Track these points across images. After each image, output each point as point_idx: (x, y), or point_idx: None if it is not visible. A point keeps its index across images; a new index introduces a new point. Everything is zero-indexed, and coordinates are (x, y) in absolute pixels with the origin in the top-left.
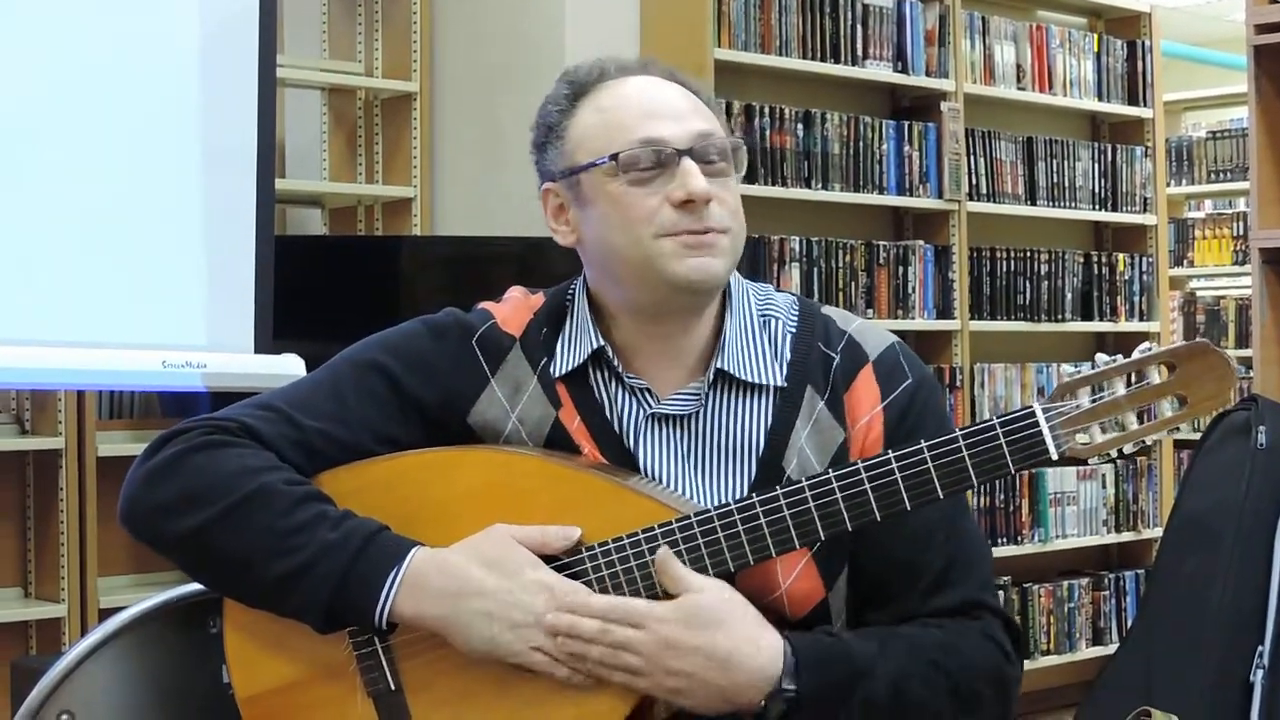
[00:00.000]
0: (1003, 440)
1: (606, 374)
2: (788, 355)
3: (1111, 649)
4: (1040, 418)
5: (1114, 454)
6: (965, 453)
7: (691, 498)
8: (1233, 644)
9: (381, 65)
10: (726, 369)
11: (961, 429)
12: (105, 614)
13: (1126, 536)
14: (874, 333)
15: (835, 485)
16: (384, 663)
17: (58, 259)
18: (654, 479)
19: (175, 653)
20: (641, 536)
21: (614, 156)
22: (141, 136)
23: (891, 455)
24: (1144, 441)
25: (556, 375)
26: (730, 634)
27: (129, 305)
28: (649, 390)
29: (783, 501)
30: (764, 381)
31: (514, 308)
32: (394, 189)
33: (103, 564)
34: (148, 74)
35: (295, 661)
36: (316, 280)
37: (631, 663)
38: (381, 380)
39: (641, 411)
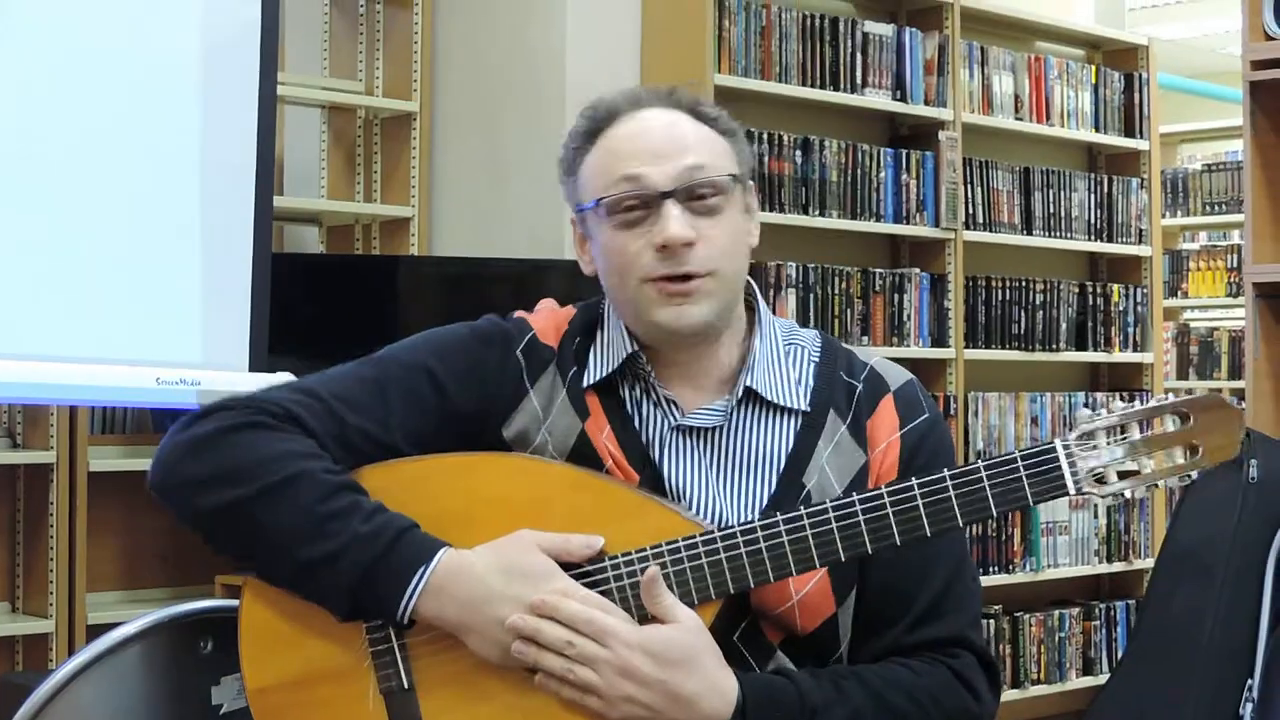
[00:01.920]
0: (1023, 472)
1: (634, 386)
2: (811, 382)
3: (1102, 679)
4: (1060, 453)
5: (1127, 494)
6: (986, 483)
7: (712, 509)
8: (1223, 676)
9: (382, 84)
10: (755, 388)
11: (984, 460)
12: (93, 630)
13: (1118, 567)
14: (894, 367)
15: (859, 508)
16: (399, 660)
17: (53, 274)
18: (676, 490)
19: (165, 673)
20: (665, 548)
21: (599, 200)
22: (140, 151)
23: (915, 482)
24: (1156, 485)
25: (587, 385)
26: (694, 675)
27: (124, 321)
28: (675, 402)
29: (806, 521)
30: (789, 404)
31: (550, 319)
32: (392, 208)
33: (92, 580)
34: (148, 89)
35: (308, 657)
36: (313, 299)
37: (589, 680)
38: (428, 385)
39: (666, 423)
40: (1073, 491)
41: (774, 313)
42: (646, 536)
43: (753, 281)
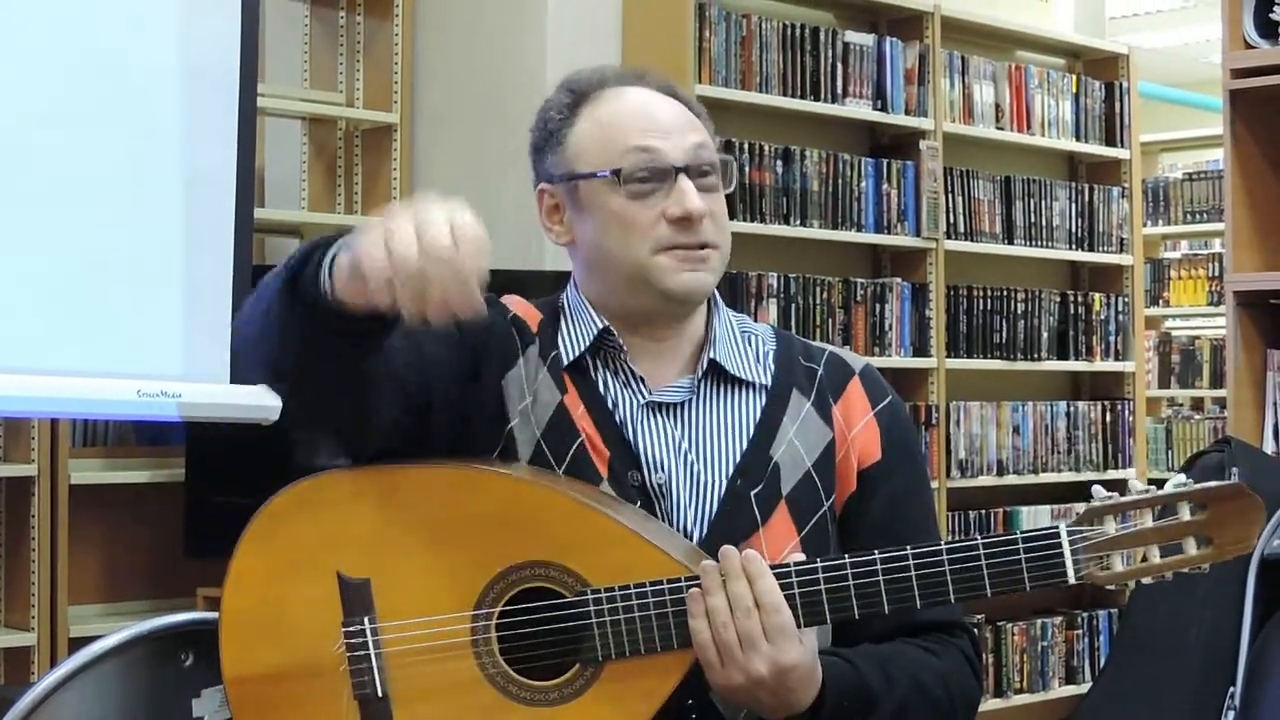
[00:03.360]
0: (1023, 556)
1: (605, 366)
2: (771, 366)
3: (1084, 688)
4: (1064, 539)
5: (1131, 584)
6: (983, 562)
7: (683, 483)
8: (1205, 684)
9: (362, 96)
10: (719, 360)
11: (984, 538)
12: (75, 643)
13: None
14: (851, 353)
15: (849, 571)
16: (374, 669)
17: (32, 285)
18: (649, 463)
19: (146, 685)
20: (649, 588)
21: (615, 171)
22: (119, 162)
23: (909, 551)
24: (1164, 576)
25: (562, 365)
26: (806, 684)
27: (104, 333)
28: (643, 379)
29: (794, 579)
30: (751, 379)
31: (523, 306)
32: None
33: (73, 593)
34: (126, 100)
35: (288, 652)
36: None
37: (732, 649)
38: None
39: (636, 401)
40: (1072, 580)
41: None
42: (634, 573)
43: None
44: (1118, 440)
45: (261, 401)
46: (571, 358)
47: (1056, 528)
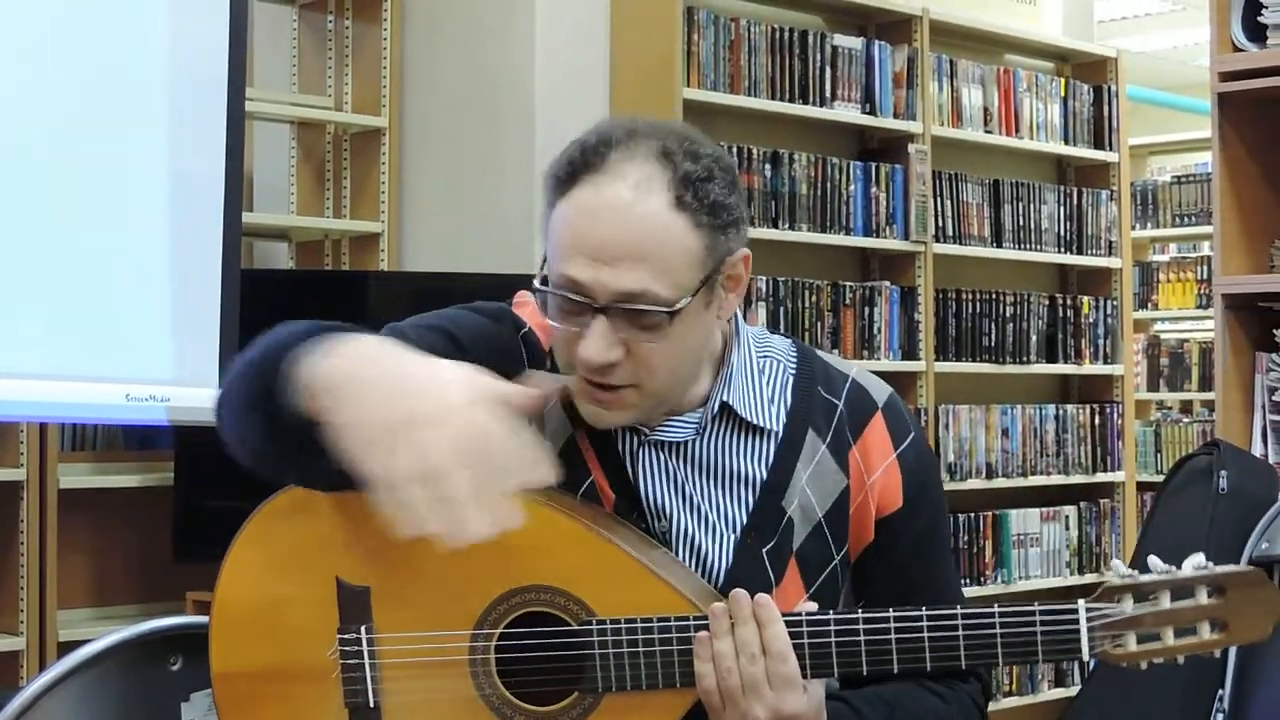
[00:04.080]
0: (1039, 630)
1: None
2: (788, 399)
3: (1074, 690)
4: (1082, 616)
5: (1143, 665)
6: (999, 630)
7: (686, 528)
8: (1194, 687)
9: (351, 100)
10: (731, 403)
11: (1001, 609)
12: (64, 647)
13: (1089, 578)
14: (873, 380)
15: (861, 627)
16: (368, 678)
17: (22, 291)
18: (652, 510)
19: (135, 690)
20: (655, 624)
21: (545, 281)
22: (108, 167)
23: (925, 612)
24: (1177, 660)
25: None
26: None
27: (94, 338)
28: (641, 424)
29: (805, 629)
30: (764, 424)
31: (534, 318)
32: (362, 224)
33: (62, 597)
34: (116, 104)
35: (279, 651)
36: (282, 314)
37: (735, 694)
38: (444, 341)
39: (637, 438)
40: (1086, 655)
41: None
42: (639, 606)
43: None
44: (1106, 443)
45: None
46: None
47: (1076, 606)
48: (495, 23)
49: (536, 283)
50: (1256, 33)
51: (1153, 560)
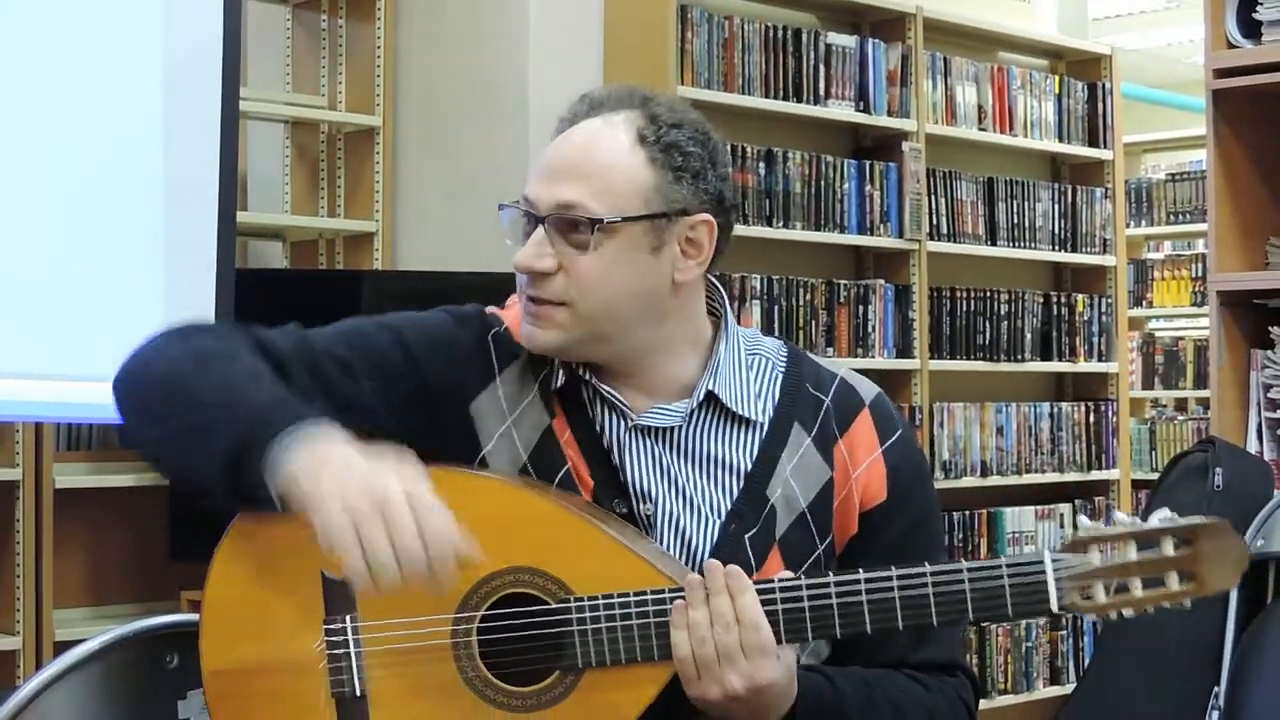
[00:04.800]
0: (1006, 582)
1: (591, 390)
2: (775, 395)
3: (1069, 689)
4: (1049, 567)
5: (1113, 615)
6: (967, 586)
7: (671, 513)
8: (1189, 684)
9: (345, 99)
10: (717, 393)
11: (969, 564)
12: (61, 646)
13: None
14: (862, 380)
15: (833, 589)
16: (354, 666)
17: (16, 290)
18: (637, 493)
19: (132, 688)
20: (632, 598)
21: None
22: (102, 166)
23: (895, 572)
24: (1147, 610)
25: (553, 387)
26: (784, 696)
27: (87, 337)
28: (626, 405)
29: (778, 594)
30: (749, 415)
31: (514, 314)
32: (356, 223)
33: (59, 596)
34: (110, 104)
35: (267, 647)
36: (277, 313)
37: (710, 664)
38: (396, 348)
39: (623, 424)
40: (1055, 607)
41: (739, 323)
42: (619, 584)
43: (721, 289)
44: (1101, 441)
45: None
46: (558, 384)
47: (1041, 557)
48: (489, 21)
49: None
50: (1251, 29)
51: (1118, 514)
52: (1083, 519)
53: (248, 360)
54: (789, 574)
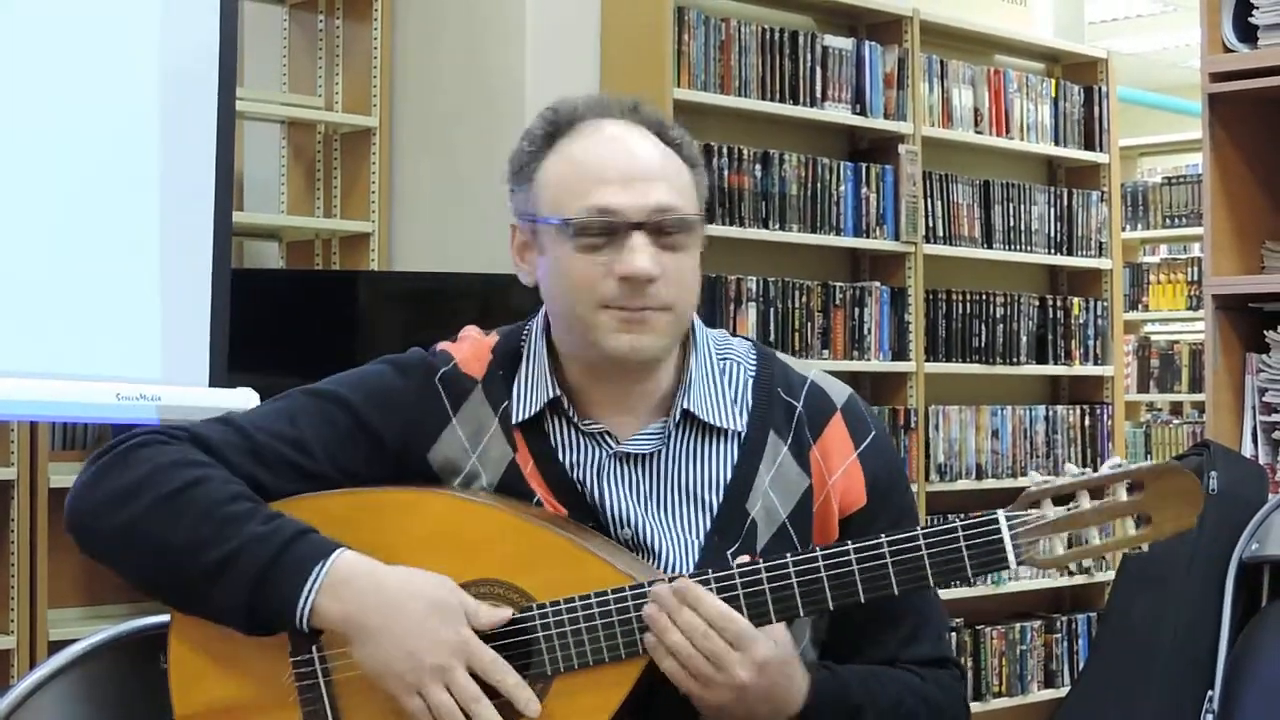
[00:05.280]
0: (963, 544)
1: (563, 420)
2: (749, 401)
3: (1063, 692)
4: (1003, 525)
5: (1072, 566)
6: (925, 552)
7: (652, 539)
8: (1184, 688)
9: (341, 100)
10: (692, 410)
11: (924, 529)
12: (55, 646)
13: (1079, 580)
14: (833, 382)
15: (792, 569)
16: (325, 696)
17: (11, 289)
18: (617, 520)
19: (125, 688)
20: (594, 600)
21: (566, 221)
22: (98, 166)
23: (851, 546)
24: (1103, 558)
25: (514, 421)
26: (791, 687)
27: (83, 336)
28: (608, 433)
29: (737, 580)
30: (727, 425)
31: (473, 349)
32: (352, 223)
33: (53, 596)
34: (106, 104)
35: (237, 685)
36: (273, 314)
37: (706, 672)
38: (340, 411)
39: (603, 452)
40: (1013, 564)
41: (734, 328)
42: (578, 586)
43: None
44: (1096, 444)
45: (241, 405)
46: (523, 417)
47: (995, 514)
48: (486, 22)
49: (552, 226)
50: (1247, 33)
51: (1068, 466)
52: (1033, 473)
53: (216, 484)
54: (745, 558)
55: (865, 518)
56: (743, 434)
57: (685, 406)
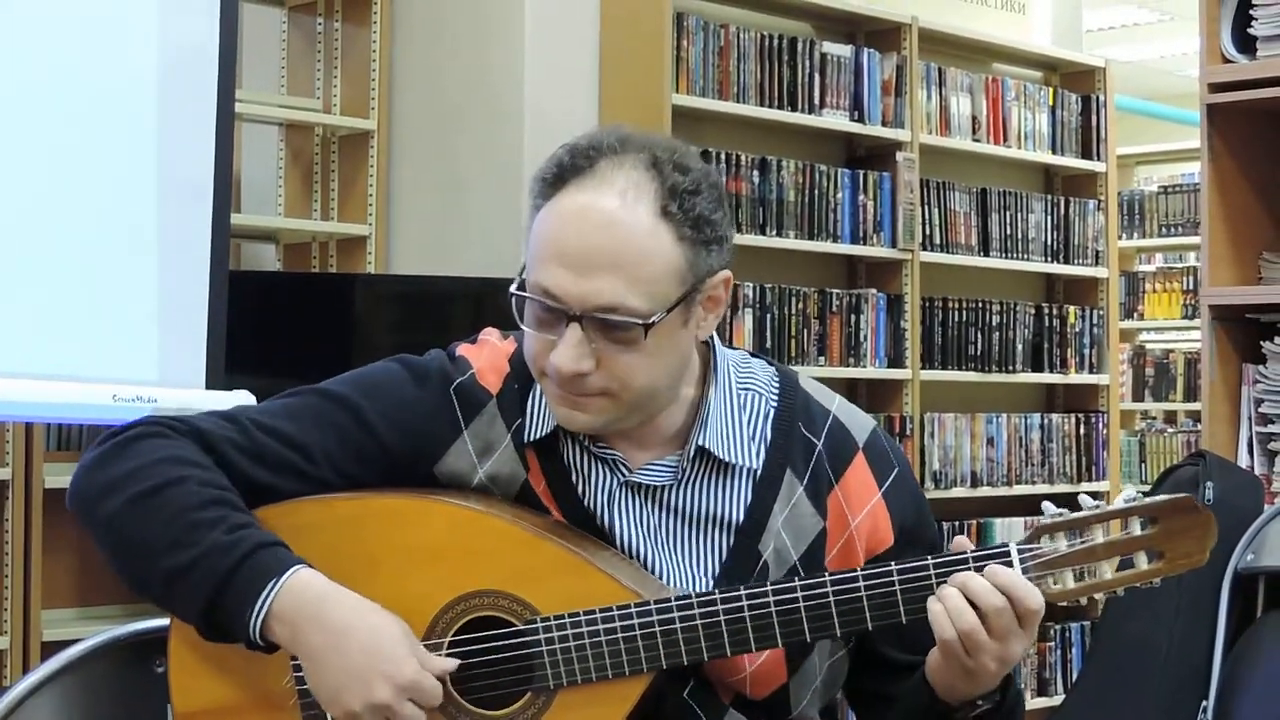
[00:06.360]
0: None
1: (575, 442)
2: (768, 435)
3: (1056, 700)
4: (1015, 557)
5: (1083, 600)
6: (934, 581)
7: (663, 573)
8: (1178, 697)
9: (340, 102)
10: (708, 446)
11: (935, 559)
12: (49, 647)
13: (1074, 585)
14: (856, 414)
15: (800, 594)
16: None
17: (8, 290)
18: (626, 551)
19: (120, 692)
20: (599, 615)
21: (520, 288)
22: (97, 167)
23: (860, 573)
24: (1115, 592)
25: (527, 440)
26: None
27: (80, 338)
28: (621, 460)
29: (745, 602)
30: (742, 463)
31: (490, 358)
32: (349, 226)
33: (47, 596)
34: (105, 107)
35: (238, 684)
36: (270, 316)
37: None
38: (349, 417)
39: (615, 479)
40: None
41: (730, 333)
42: (582, 600)
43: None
44: (1091, 453)
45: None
46: (536, 436)
47: (1007, 546)
48: (485, 26)
49: (513, 288)
50: (1246, 44)
51: (1083, 498)
52: (1047, 504)
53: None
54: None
55: (892, 557)
56: (758, 471)
57: (700, 443)
